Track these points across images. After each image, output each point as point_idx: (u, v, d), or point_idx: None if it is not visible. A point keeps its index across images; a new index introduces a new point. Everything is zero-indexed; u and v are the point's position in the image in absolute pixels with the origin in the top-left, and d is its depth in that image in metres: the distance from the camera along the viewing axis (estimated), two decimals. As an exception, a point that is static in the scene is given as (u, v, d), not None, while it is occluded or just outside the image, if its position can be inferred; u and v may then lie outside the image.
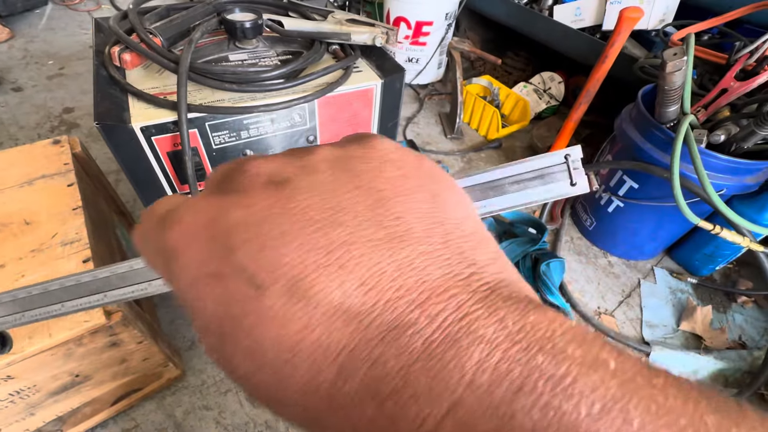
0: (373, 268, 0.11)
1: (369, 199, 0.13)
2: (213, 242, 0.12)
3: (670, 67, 0.72)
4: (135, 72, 0.57)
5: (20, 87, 1.47)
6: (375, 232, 0.12)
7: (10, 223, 0.64)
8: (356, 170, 0.13)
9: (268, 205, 0.12)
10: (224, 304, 0.12)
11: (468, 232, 0.13)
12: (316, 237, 0.12)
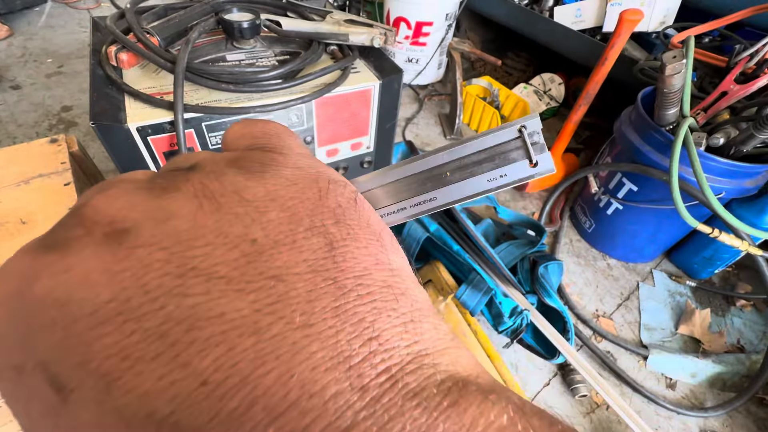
0: (220, 360, 0.08)
1: (235, 255, 0.09)
2: (15, 322, 0.09)
3: (669, 70, 0.72)
4: (132, 72, 0.57)
5: (19, 85, 1.46)
6: (234, 301, 0.09)
7: (5, 223, 0.64)
8: (229, 212, 0.10)
9: (89, 271, 0.09)
10: (27, 410, 0.09)
11: (374, 289, 0.10)
12: (147, 316, 0.08)
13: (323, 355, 0.08)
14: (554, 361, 0.82)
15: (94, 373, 0.08)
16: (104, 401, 0.08)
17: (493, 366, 0.76)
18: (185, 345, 0.08)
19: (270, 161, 0.12)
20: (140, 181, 0.11)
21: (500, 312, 0.81)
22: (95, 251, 0.09)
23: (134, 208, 0.10)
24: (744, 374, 0.91)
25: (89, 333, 0.08)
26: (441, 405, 0.08)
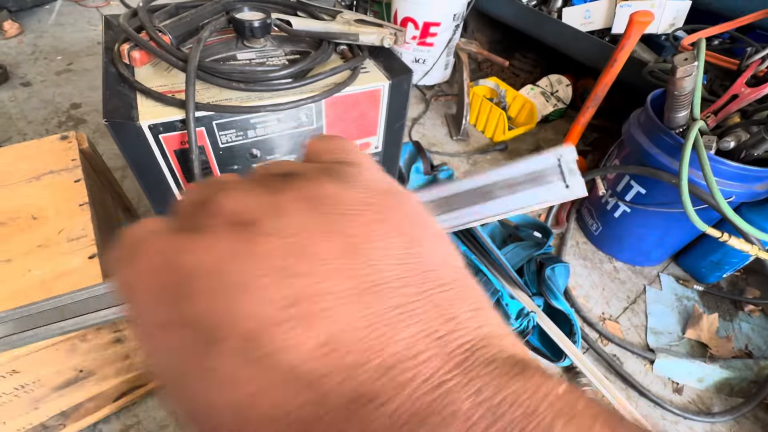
0: (337, 325, 0.10)
1: (340, 247, 0.11)
2: (165, 289, 0.11)
3: (680, 72, 0.72)
4: (143, 70, 0.58)
5: (29, 82, 1.48)
6: (343, 282, 0.11)
7: (17, 218, 0.64)
8: (330, 213, 0.12)
9: (227, 251, 0.11)
10: (175, 360, 0.11)
11: (447, 281, 0.12)
12: (277, 288, 0.10)
13: (417, 328, 0.10)
14: (560, 363, 0.82)
15: (238, 331, 0.10)
16: (247, 352, 0.10)
17: (499, 367, 0.76)
18: (309, 313, 0.10)
19: (356, 174, 0.14)
20: (250, 183, 0.14)
21: (507, 314, 0.81)
22: (228, 236, 0.11)
23: (253, 207, 0.12)
24: (752, 380, 0.90)
25: (235, 300, 0.10)
26: (511, 371, 0.10)
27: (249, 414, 0.10)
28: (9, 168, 0.71)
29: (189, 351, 0.10)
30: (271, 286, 0.10)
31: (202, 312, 0.10)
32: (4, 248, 0.59)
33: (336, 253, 0.11)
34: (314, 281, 0.11)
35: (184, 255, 0.11)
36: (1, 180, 0.69)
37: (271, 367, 0.10)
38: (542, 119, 1.64)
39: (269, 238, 0.11)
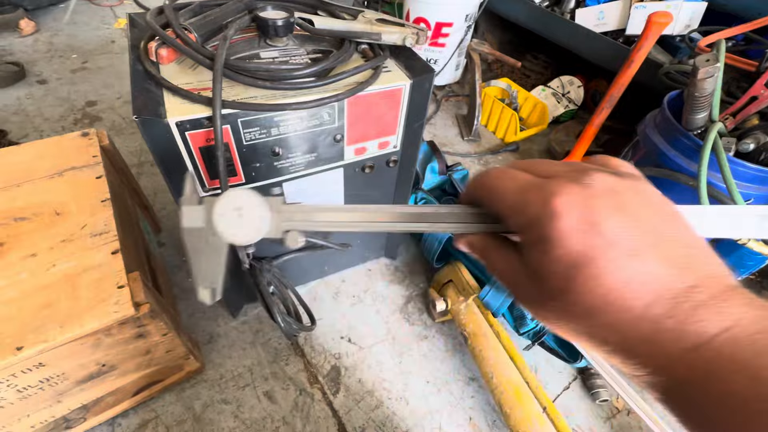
0: (685, 249, 0.19)
1: (664, 215, 0.20)
2: (590, 211, 0.19)
3: (702, 74, 0.71)
4: (168, 67, 0.58)
5: (45, 80, 1.49)
6: (678, 232, 0.19)
7: (41, 213, 0.65)
8: (644, 195, 0.20)
9: (622, 201, 0.19)
10: (588, 249, 0.18)
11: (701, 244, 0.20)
12: (649, 227, 0.19)
13: (717, 271, 0.18)
14: (576, 365, 0.82)
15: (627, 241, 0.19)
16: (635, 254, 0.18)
17: (516, 367, 0.75)
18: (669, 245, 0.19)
19: (634, 177, 0.21)
20: (606, 168, 0.22)
21: (522, 314, 0.80)
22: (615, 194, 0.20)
23: (621, 183, 0.20)
24: None
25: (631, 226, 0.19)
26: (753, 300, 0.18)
27: (640, 287, 0.18)
28: (32, 164, 0.72)
29: (600, 245, 0.18)
30: (645, 225, 0.19)
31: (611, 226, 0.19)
32: (29, 242, 0.60)
33: (662, 220, 0.19)
34: (666, 229, 0.19)
35: (604, 197, 0.19)
36: (25, 175, 0.70)
37: (650, 265, 0.18)
38: (553, 120, 1.64)
39: (633, 200, 0.19)
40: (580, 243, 0.19)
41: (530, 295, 0.22)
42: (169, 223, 1.08)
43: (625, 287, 0.18)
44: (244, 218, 0.27)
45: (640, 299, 0.17)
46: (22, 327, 0.51)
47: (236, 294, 0.86)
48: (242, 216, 0.27)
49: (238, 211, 0.27)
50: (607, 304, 0.18)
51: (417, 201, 0.99)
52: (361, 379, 0.84)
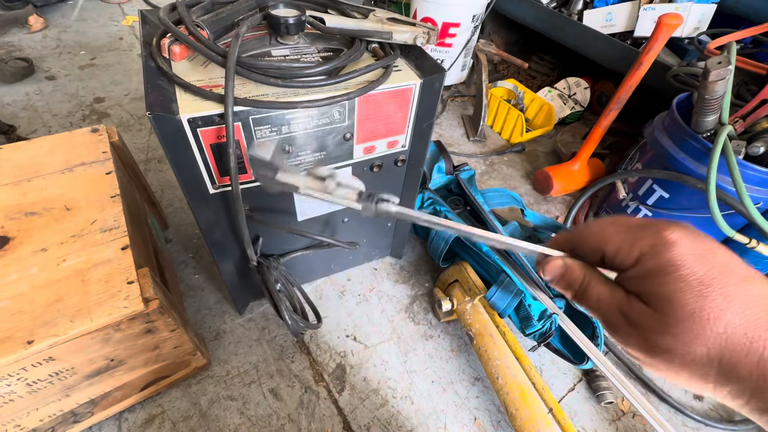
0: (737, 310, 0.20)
1: (713, 273, 0.20)
2: (699, 242, 0.22)
3: (713, 76, 0.71)
4: (180, 65, 0.58)
5: (53, 76, 1.50)
6: (748, 294, 0.20)
7: (51, 208, 0.65)
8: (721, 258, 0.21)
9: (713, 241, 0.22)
10: (708, 272, 0.20)
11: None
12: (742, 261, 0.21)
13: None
14: (581, 366, 0.82)
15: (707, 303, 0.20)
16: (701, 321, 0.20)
17: (522, 368, 0.75)
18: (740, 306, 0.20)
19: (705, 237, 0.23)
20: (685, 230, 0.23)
21: (529, 315, 0.80)
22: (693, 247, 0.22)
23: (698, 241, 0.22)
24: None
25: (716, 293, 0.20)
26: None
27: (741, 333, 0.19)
28: (43, 159, 0.73)
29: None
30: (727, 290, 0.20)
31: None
32: (39, 237, 0.61)
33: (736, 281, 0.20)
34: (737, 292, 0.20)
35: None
36: (36, 170, 0.71)
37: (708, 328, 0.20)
38: (559, 121, 1.63)
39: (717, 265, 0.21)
40: (701, 267, 0.20)
41: (644, 330, 0.22)
42: (176, 219, 1.08)
43: (750, 311, 0.19)
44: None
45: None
46: (33, 321, 0.51)
47: (243, 291, 0.86)
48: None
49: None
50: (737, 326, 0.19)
51: (424, 201, 1.00)
52: (366, 378, 0.84)
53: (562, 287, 0.27)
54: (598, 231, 0.26)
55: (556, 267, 0.27)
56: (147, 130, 1.33)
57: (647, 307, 0.22)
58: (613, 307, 0.23)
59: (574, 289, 0.26)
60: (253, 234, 0.74)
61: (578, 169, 1.30)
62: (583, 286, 0.26)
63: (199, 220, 0.65)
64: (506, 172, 1.42)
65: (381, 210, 0.31)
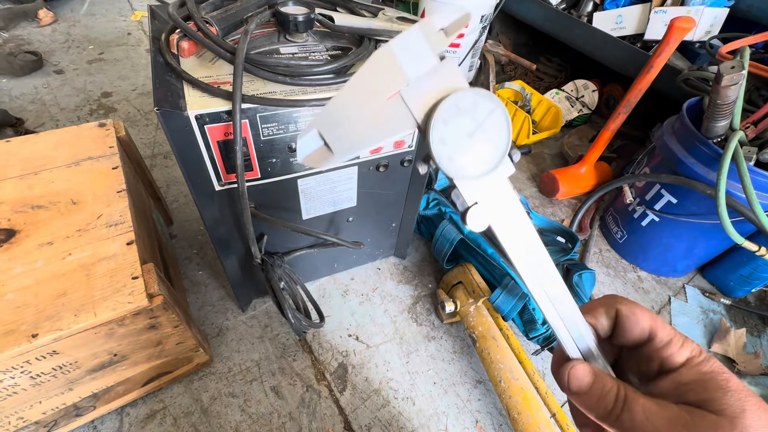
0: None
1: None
2: None
3: (726, 81, 0.70)
4: (189, 60, 0.58)
5: (62, 70, 1.51)
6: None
7: (57, 202, 0.66)
8: None
9: None
10: None
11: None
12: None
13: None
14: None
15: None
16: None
17: (525, 372, 0.75)
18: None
19: None
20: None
21: (533, 318, 0.80)
22: None
23: None
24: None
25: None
26: None
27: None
28: (50, 153, 0.73)
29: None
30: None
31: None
32: (45, 231, 0.61)
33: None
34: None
35: None
36: (43, 164, 0.71)
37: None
38: (566, 124, 1.62)
39: None
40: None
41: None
42: (181, 215, 1.08)
43: None
44: (475, 141, 0.20)
45: None
46: (38, 315, 0.52)
47: (246, 288, 0.86)
48: (473, 137, 0.20)
49: (469, 117, 0.19)
50: None
51: (429, 201, 0.99)
52: (368, 378, 0.83)
53: (590, 404, 0.21)
54: (645, 310, 0.23)
55: (581, 374, 0.21)
56: (153, 125, 1.34)
57: (720, 417, 0.17)
58: (673, 424, 0.18)
59: (607, 407, 0.20)
60: (257, 231, 0.74)
61: (585, 172, 1.29)
62: (619, 400, 0.20)
63: (204, 217, 0.65)
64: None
65: None
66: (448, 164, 0.20)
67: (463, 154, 0.20)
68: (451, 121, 0.19)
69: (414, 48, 0.19)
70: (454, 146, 0.19)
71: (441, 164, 0.20)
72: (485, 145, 0.20)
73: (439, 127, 0.19)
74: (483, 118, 0.19)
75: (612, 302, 0.24)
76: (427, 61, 0.19)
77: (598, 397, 0.21)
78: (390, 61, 0.19)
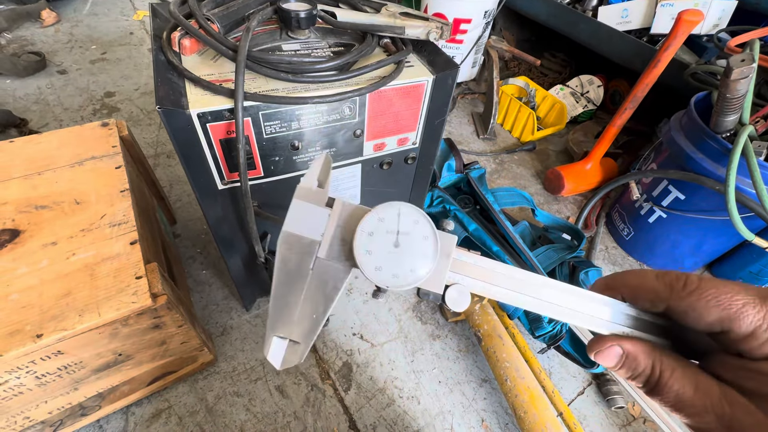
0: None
1: None
2: None
3: (736, 74, 0.69)
4: (190, 59, 0.58)
5: (65, 70, 1.51)
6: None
7: (61, 202, 0.65)
8: None
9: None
10: None
11: None
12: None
13: None
14: (591, 370, 0.80)
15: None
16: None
17: (531, 371, 0.74)
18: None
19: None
20: None
21: (539, 316, 0.79)
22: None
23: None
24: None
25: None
26: None
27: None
28: (54, 152, 0.73)
29: None
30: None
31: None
32: (49, 231, 0.61)
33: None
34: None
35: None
36: (46, 164, 0.71)
37: None
38: (571, 120, 1.61)
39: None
40: None
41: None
42: (184, 214, 1.08)
43: None
44: (402, 249, 0.20)
45: None
46: (42, 315, 0.51)
47: (250, 287, 0.86)
48: (399, 245, 0.20)
49: (393, 235, 0.20)
50: None
51: (433, 199, 0.98)
52: (373, 377, 0.83)
53: (628, 378, 0.21)
54: (719, 295, 0.19)
55: (612, 356, 0.21)
56: (156, 124, 1.34)
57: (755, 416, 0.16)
58: (706, 409, 0.17)
59: (642, 382, 0.20)
60: (261, 230, 0.74)
61: (590, 168, 1.27)
62: (653, 378, 0.20)
63: (208, 216, 0.65)
64: (516, 171, 1.40)
65: None
66: (376, 275, 0.20)
67: (393, 264, 0.20)
68: (376, 234, 0.20)
69: (304, 217, 0.21)
70: (381, 257, 0.20)
71: (369, 276, 0.20)
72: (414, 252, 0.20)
73: (363, 241, 0.20)
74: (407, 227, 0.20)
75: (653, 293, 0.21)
76: (321, 218, 0.20)
77: (631, 373, 0.21)
78: (294, 240, 0.21)
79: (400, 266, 0.20)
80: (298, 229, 0.20)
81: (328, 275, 0.20)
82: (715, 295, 0.19)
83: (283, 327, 0.20)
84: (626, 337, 0.21)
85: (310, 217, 0.20)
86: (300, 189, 0.20)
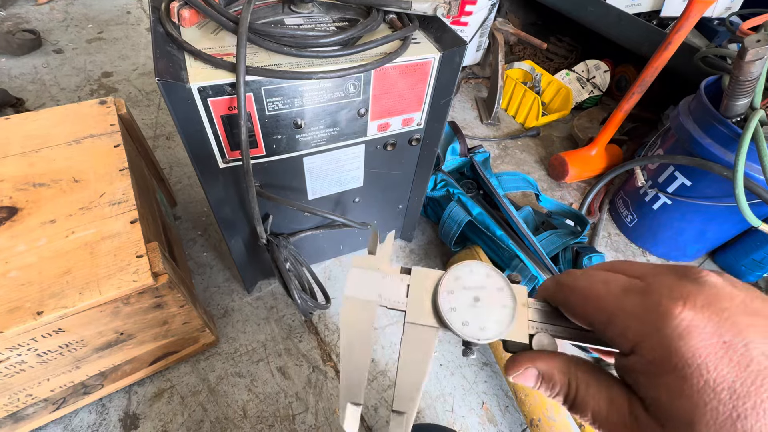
0: None
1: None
2: (728, 322, 0.15)
3: (750, 55, 0.67)
4: (190, 31, 0.56)
5: (61, 49, 1.48)
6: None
7: (59, 180, 0.64)
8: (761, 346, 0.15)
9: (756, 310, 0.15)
10: (742, 381, 0.14)
11: None
12: None
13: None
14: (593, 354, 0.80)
15: None
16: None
17: (533, 355, 0.74)
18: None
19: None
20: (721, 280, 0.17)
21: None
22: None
23: (742, 289, 0.16)
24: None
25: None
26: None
27: None
28: (50, 131, 0.71)
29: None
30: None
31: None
32: (47, 209, 0.60)
33: None
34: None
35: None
36: (43, 142, 0.69)
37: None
38: (576, 106, 1.58)
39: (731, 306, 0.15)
40: (730, 368, 0.14)
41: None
42: (185, 196, 1.07)
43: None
44: (483, 302, 0.21)
45: None
46: (42, 292, 0.51)
47: (252, 269, 0.86)
48: (479, 301, 0.21)
49: (471, 291, 0.21)
50: None
51: (437, 182, 0.97)
52: (374, 359, 0.83)
53: (549, 396, 0.20)
54: (585, 290, 0.19)
55: (529, 377, 0.20)
56: (155, 105, 1.31)
57: (660, 427, 0.15)
58: (624, 424, 0.16)
59: (562, 401, 0.19)
60: (262, 211, 0.73)
61: (595, 154, 1.26)
62: (570, 396, 0.19)
63: (209, 196, 0.64)
64: (520, 156, 1.39)
65: None
66: (464, 330, 0.21)
67: (477, 317, 0.21)
68: (456, 292, 0.21)
69: (383, 288, 0.22)
70: (465, 312, 0.21)
71: (458, 331, 0.21)
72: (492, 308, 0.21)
73: (445, 299, 0.21)
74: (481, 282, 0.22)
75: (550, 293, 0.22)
76: (400, 284, 0.22)
77: (550, 393, 0.20)
78: (368, 306, 0.22)
79: (485, 318, 0.21)
80: (373, 297, 0.21)
81: (419, 338, 0.21)
82: (572, 288, 0.19)
83: (357, 394, 0.21)
84: (542, 353, 0.20)
85: (389, 284, 0.21)
86: (363, 263, 0.22)
